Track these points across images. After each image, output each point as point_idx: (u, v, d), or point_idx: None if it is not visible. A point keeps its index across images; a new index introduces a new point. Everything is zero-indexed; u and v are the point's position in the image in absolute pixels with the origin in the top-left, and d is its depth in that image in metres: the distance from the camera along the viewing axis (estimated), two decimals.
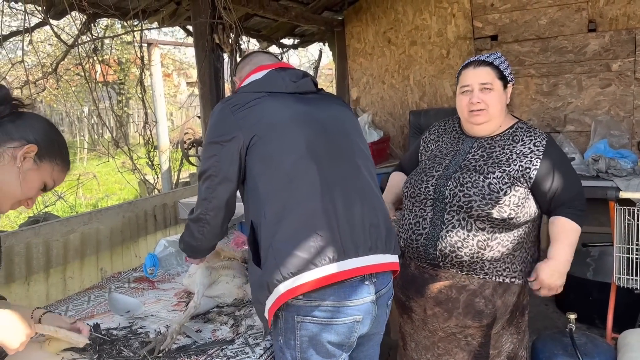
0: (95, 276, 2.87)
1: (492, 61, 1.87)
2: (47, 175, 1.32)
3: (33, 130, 1.29)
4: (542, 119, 4.58)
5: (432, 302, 1.89)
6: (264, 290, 1.43)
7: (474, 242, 1.79)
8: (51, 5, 3.29)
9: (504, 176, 1.79)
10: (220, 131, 1.50)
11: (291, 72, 1.64)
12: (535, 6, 4.46)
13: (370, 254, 1.45)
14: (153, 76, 6.87)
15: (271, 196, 1.44)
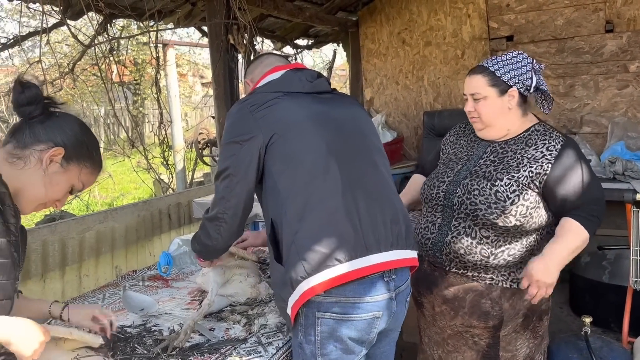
0: (110, 274, 2.90)
1: (489, 67, 1.81)
2: (74, 178, 1.31)
3: (61, 132, 1.28)
4: (558, 121, 4.53)
5: (440, 300, 1.90)
6: (287, 287, 1.45)
7: (478, 250, 1.78)
8: (68, 5, 3.34)
9: (512, 183, 1.75)
10: (238, 131, 1.51)
11: (307, 73, 1.67)
12: (552, 7, 4.42)
13: (392, 249, 1.48)
14: (168, 76, 6.93)
15: (292, 194, 1.46)
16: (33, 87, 1.26)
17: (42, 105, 1.27)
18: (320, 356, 1.48)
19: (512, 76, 1.79)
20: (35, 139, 1.25)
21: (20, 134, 1.26)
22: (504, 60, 1.81)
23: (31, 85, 1.26)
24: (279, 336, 1.67)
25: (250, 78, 1.78)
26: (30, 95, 1.24)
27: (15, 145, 1.25)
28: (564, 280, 3.92)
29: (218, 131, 3.91)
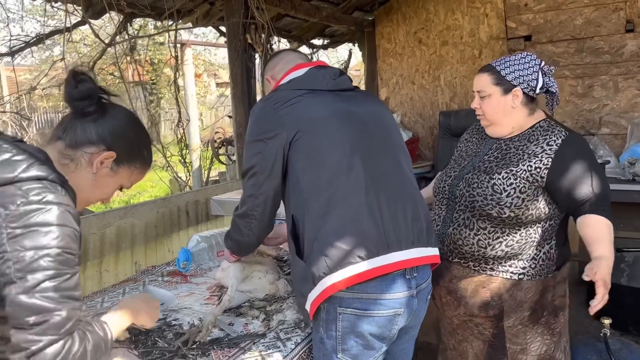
0: (129, 270, 2.94)
1: (494, 66, 1.88)
2: (124, 180, 1.30)
3: (114, 133, 1.23)
4: (577, 121, 4.49)
5: (445, 291, 1.98)
6: (308, 282, 1.46)
7: (475, 240, 1.84)
8: (89, 5, 3.39)
9: (509, 177, 1.79)
10: (262, 129, 1.53)
11: (330, 70, 1.67)
12: (571, 6, 4.38)
13: (413, 247, 1.49)
14: (185, 76, 6.99)
15: (316, 191, 1.48)
16: (87, 81, 1.21)
17: (96, 101, 1.22)
18: (341, 351, 1.49)
19: (517, 76, 1.83)
20: (86, 140, 1.21)
21: (72, 132, 1.21)
22: (511, 61, 1.87)
23: (85, 79, 1.21)
24: (297, 332, 1.69)
25: (270, 75, 1.79)
26: (84, 89, 1.20)
27: (66, 145, 1.21)
28: (581, 282, 3.89)
29: (235, 130, 3.93)
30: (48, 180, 1.05)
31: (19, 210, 0.99)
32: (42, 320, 0.99)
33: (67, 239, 1.04)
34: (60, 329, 1.02)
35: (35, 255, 0.99)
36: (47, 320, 0.99)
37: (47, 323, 1.00)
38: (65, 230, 1.03)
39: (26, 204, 1.00)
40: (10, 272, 0.98)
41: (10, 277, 0.98)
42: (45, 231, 1.01)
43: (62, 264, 1.02)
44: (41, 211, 1.01)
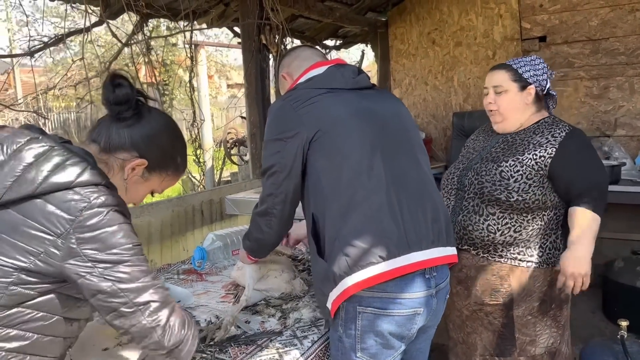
0: None
1: (511, 64, 2.00)
2: (155, 185, 1.30)
3: (147, 141, 1.23)
4: (592, 123, 4.46)
5: (455, 281, 2.02)
6: (330, 282, 1.47)
7: (484, 225, 1.91)
8: (107, 5, 3.43)
9: (516, 164, 1.89)
10: (282, 127, 1.52)
11: (349, 69, 1.66)
12: (586, 7, 4.36)
13: (433, 247, 1.49)
14: (199, 77, 7.03)
15: (336, 191, 1.47)
16: (125, 86, 1.20)
17: (133, 106, 1.22)
18: (360, 350, 1.49)
19: (532, 75, 1.97)
20: (119, 146, 1.21)
21: (106, 136, 1.21)
22: (524, 61, 2.01)
23: (123, 84, 1.20)
24: (314, 330, 1.69)
25: (286, 71, 1.77)
26: (121, 94, 1.19)
27: (100, 148, 1.21)
28: (596, 285, 3.87)
29: (249, 130, 3.96)
30: (102, 185, 1.08)
31: (84, 215, 1.02)
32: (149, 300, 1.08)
33: (131, 233, 1.09)
34: (166, 302, 1.12)
35: (112, 254, 1.04)
36: (153, 299, 1.09)
37: (155, 302, 1.09)
38: (127, 226, 1.09)
39: (89, 209, 1.03)
40: (95, 271, 1.03)
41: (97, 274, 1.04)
42: (113, 231, 1.05)
43: (137, 254, 1.09)
44: (104, 214, 1.04)
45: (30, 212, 1.01)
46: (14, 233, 1.00)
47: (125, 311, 1.06)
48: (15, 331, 1.02)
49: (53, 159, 1.05)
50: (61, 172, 1.04)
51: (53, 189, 1.02)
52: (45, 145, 1.06)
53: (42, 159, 1.04)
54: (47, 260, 1.01)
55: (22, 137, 1.07)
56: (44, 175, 1.02)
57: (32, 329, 1.04)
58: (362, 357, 1.50)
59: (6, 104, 3.96)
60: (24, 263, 1.00)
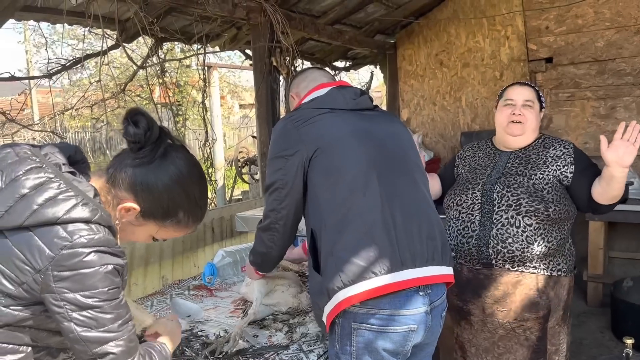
0: (157, 283, 3.02)
1: (533, 86, 2.13)
2: (153, 232, 1.24)
3: (145, 187, 1.16)
4: (599, 143, 4.48)
5: (491, 301, 1.98)
6: (324, 296, 1.51)
7: (523, 237, 1.92)
8: (123, 29, 3.55)
9: (544, 177, 1.97)
10: (284, 145, 1.59)
11: (350, 90, 1.72)
12: (592, 28, 4.42)
13: (427, 265, 1.50)
14: (211, 98, 7.16)
15: (332, 207, 1.52)
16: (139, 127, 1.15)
17: (148, 148, 1.16)
18: None
19: (543, 100, 2.14)
20: (119, 183, 1.17)
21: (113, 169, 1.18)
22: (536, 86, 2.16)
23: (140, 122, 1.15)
24: (320, 345, 1.73)
25: (295, 92, 1.84)
26: (132, 133, 1.15)
27: (105, 180, 1.18)
28: (605, 304, 3.85)
29: (259, 149, 4.03)
30: (92, 222, 1.06)
31: (63, 254, 1.01)
32: (108, 351, 1.07)
33: (109, 276, 1.06)
34: (127, 354, 1.10)
35: (84, 296, 1.03)
36: (112, 352, 1.07)
37: (113, 354, 1.07)
38: (107, 269, 1.06)
39: (70, 248, 1.01)
40: (64, 312, 1.03)
41: (65, 316, 1.03)
42: (89, 273, 1.03)
43: (109, 299, 1.07)
44: (84, 255, 1.03)
45: (18, 243, 1.01)
46: (3, 259, 1.01)
47: (84, 357, 1.06)
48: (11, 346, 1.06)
49: (46, 191, 1.03)
50: (51, 206, 1.02)
51: (41, 223, 1.01)
52: (43, 177, 1.05)
53: (36, 191, 1.03)
54: (29, 291, 1.02)
55: (24, 165, 1.06)
56: (34, 208, 1.01)
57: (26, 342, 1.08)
58: None
59: (24, 124, 4.08)
60: (10, 289, 1.02)
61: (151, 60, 3.99)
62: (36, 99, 11.59)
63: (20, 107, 3.65)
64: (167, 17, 3.68)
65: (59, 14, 3.07)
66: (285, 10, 3.78)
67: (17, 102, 3.49)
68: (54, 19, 3.27)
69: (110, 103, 4.22)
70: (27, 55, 10.73)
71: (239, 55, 10.40)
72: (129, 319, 1.12)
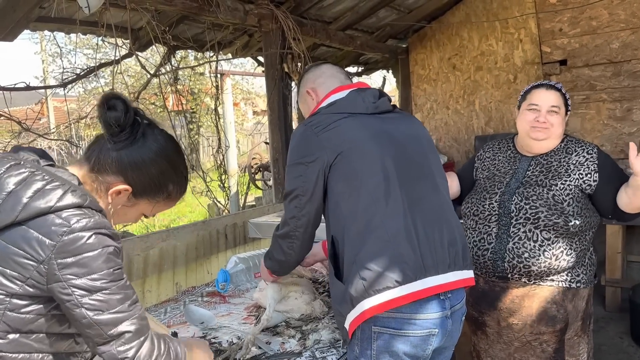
0: (171, 290, 3.03)
1: (560, 88, 2.01)
2: (145, 210, 1.27)
3: (134, 166, 1.18)
4: (616, 145, 4.42)
5: (506, 313, 1.94)
6: (347, 304, 1.50)
7: (540, 252, 1.86)
8: (136, 38, 3.59)
9: (565, 187, 1.88)
10: (304, 152, 1.56)
11: (369, 92, 1.67)
12: (607, 30, 4.37)
13: (449, 271, 1.50)
14: (224, 104, 7.21)
15: (354, 215, 1.50)
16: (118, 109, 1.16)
17: (127, 130, 1.18)
18: None
19: (569, 103, 2.03)
20: (105, 169, 1.18)
21: (96, 157, 1.19)
22: (562, 88, 2.02)
23: (117, 106, 1.17)
24: (333, 351, 1.72)
25: (311, 87, 1.77)
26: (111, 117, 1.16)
27: (89, 168, 1.19)
28: (623, 309, 3.79)
29: (272, 155, 4.04)
30: (84, 207, 1.07)
31: (64, 240, 1.02)
32: (124, 330, 1.08)
33: (112, 257, 1.08)
34: (141, 332, 1.12)
35: (92, 280, 1.04)
36: (128, 330, 1.09)
37: (129, 332, 1.09)
38: (108, 250, 1.07)
39: (70, 233, 1.02)
40: (73, 299, 1.04)
41: (75, 303, 1.04)
42: (94, 256, 1.04)
43: (115, 279, 1.08)
44: (85, 238, 1.04)
45: (13, 239, 1.02)
46: (1, 260, 1.01)
47: (99, 341, 1.07)
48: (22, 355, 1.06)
49: (33, 184, 1.04)
50: (41, 197, 1.03)
51: (34, 215, 1.02)
52: (25, 172, 1.06)
53: (22, 186, 1.04)
54: (35, 285, 1.03)
55: (2, 164, 1.07)
56: (24, 202, 1.02)
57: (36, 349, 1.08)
58: None
59: (40, 133, 4.14)
60: (14, 289, 1.02)
61: (164, 68, 4.03)
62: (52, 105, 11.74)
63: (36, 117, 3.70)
64: (180, 25, 3.71)
65: (73, 23, 3.11)
66: (297, 17, 3.80)
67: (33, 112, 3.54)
68: (68, 28, 3.32)
69: None
70: (44, 64, 10.90)
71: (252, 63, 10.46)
72: (137, 300, 1.14)
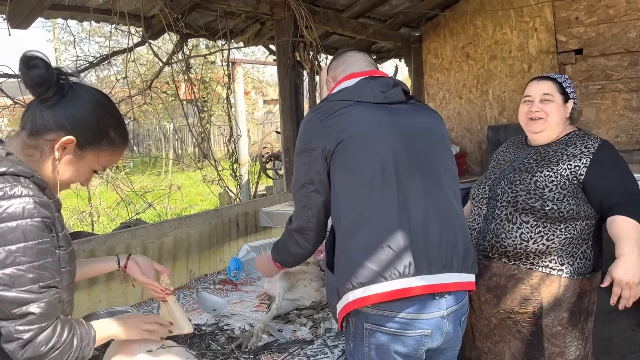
0: (185, 277, 3.05)
1: (555, 78, 2.06)
2: (93, 163, 1.25)
3: (71, 117, 1.17)
4: (631, 136, 4.37)
5: (484, 289, 2.03)
6: (335, 295, 1.49)
7: (517, 234, 1.92)
8: (149, 26, 3.60)
9: (551, 174, 1.92)
10: (308, 139, 1.54)
11: (381, 81, 1.61)
12: (624, 19, 4.30)
13: (444, 272, 1.45)
14: (235, 93, 7.21)
15: (348, 205, 1.48)
16: (39, 67, 1.14)
17: (55, 85, 1.16)
18: None
19: (571, 91, 2.06)
20: (44, 127, 1.16)
21: (32, 120, 1.17)
22: (564, 77, 2.08)
23: (38, 65, 1.14)
24: (344, 340, 1.73)
25: (332, 76, 1.75)
26: (35, 76, 1.14)
27: (28, 134, 1.18)
28: (636, 301, 3.75)
29: (283, 144, 4.04)
30: (7, 174, 1.05)
31: None
32: (27, 311, 1.05)
33: (35, 230, 1.06)
34: (46, 317, 1.08)
35: (7, 252, 1.03)
36: (32, 312, 1.05)
37: (33, 315, 1.06)
38: (32, 222, 1.05)
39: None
40: None
41: None
42: (13, 227, 1.03)
43: (35, 256, 1.05)
44: (4, 207, 1.02)
45: None
46: None
47: (1, 316, 1.05)
48: None
49: None
50: None
51: None
52: None
53: None
54: None
55: None
56: None
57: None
58: None
59: None
60: None
61: (176, 57, 4.03)
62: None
63: None
64: (192, 13, 3.70)
65: (86, 11, 3.12)
66: (309, 5, 3.77)
67: None
68: (82, 16, 3.32)
69: (136, 100, 4.28)
70: (57, 53, 10.96)
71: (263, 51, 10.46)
72: (54, 285, 1.10)
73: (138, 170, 11.67)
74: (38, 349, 1.07)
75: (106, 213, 7.42)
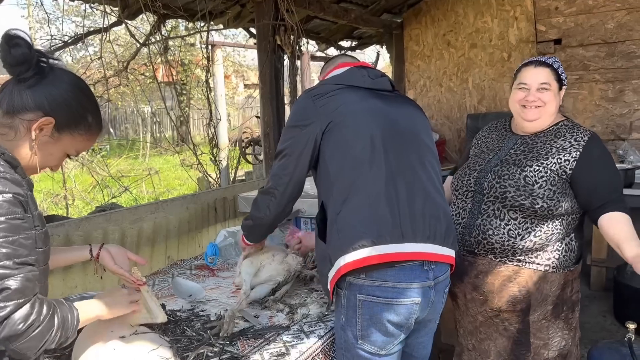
0: (163, 263, 3.01)
1: (551, 63, 1.96)
2: (68, 147, 1.25)
3: (51, 98, 1.17)
4: (607, 126, 4.44)
5: (470, 287, 1.98)
6: (327, 262, 1.56)
7: (505, 230, 1.87)
8: (125, 6, 3.51)
9: (540, 169, 1.86)
10: (300, 116, 1.65)
11: (370, 71, 1.77)
12: (602, 10, 4.34)
13: (428, 242, 1.54)
14: (215, 77, 7.11)
15: (339, 178, 1.58)
16: (22, 46, 1.14)
17: (34, 65, 1.16)
18: (361, 338, 1.55)
19: (564, 77, 1.98)
20: (22, 107, 1.16)
21: (9, 99, 1.17)
22: (557, 62, 1.97)
23: (20, 43, 1.14)
24: (321, 325, 1.73)
25: (323, 76, 1.89)
26: (17, 54, 1.14)
27: (3, 112, 1.17)
28: (607, 288, 3.85)
29: (262, 129, 4.01)
30: None
31: None
32: (3, 286, 1.03)
33: (7, 205, 1.04)
34: (22, 293, 1.05)
35: None
36: (7, 286, 1.03)
37: (8, 290, 1.03)
38: (3, 198, 1.04)
39: None
40: None
41: None
42: None
43: (7, 231, 1.04)
44: None
45: None
46: None
47: None
48: None
49: None
50: None
51: None
52: None
53: None
54: None
55: None
56: None
57: None
58: (364, 345, 1.56)
59: None
60: None
61: (154, 38, 3.95)
62: None
63: None
64: None
65: None
66: None
67: None
68: None
69: (113, 81, 4.19)
70: (31, 31, 10.66)
71: (244, 34, 10.32)
72: (30, 262, 1.09)
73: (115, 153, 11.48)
74: (15, 327, 1.04)
75: (81, 196, 7.30)
